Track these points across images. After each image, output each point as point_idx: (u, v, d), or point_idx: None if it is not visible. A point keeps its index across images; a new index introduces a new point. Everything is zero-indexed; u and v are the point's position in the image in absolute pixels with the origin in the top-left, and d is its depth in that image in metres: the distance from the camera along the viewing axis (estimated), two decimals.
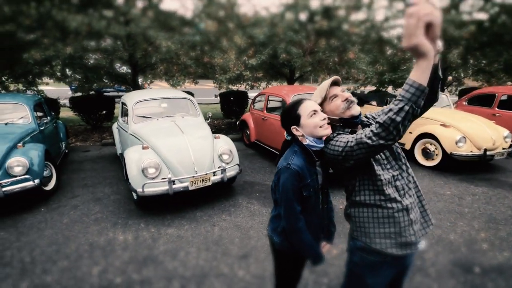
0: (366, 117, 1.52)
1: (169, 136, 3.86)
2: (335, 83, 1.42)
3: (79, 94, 8.80)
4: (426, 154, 5.24)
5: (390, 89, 10.18)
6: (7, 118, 4.35)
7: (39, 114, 5.00)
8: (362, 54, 7.60)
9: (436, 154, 5.10)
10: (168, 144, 3.70)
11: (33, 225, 3.35)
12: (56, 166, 4.42)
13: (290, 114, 1.39)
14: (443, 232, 3.21)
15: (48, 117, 5.17)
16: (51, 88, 11.41)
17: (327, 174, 1.50)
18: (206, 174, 3.59)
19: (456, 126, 5.00)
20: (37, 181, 3.66)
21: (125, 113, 4.55)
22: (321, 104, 1.42)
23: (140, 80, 8.65)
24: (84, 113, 8.21)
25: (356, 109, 1.37)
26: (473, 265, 2.67)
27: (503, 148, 5.03)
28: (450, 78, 10.15)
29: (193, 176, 3.50)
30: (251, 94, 8.68)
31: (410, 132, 5.51)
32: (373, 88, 10.18)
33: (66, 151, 5.89)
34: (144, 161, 3.46)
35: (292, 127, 1.39)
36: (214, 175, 3.72)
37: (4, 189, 3.40)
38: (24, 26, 5.40)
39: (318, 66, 7.95)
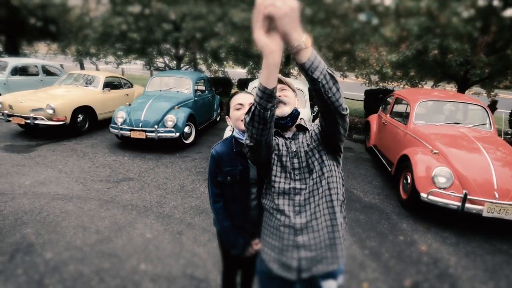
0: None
1: None
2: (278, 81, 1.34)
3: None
4: None
5: None
6: (179, 88, 6.21)
7: (200, 88, 6.73)
8: None
9: None
10: None
11: (165, 163, 4.81)
12: (197, 127, 5.91)
13: (228, 104, 1.47)
14: None
15: (206, 91, 6.86)
16: (242, 70, 13.75)
17: None
18: None
19: None
20: (178, 134, 5.15)
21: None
22: None
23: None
24: None
25: (281, 111, 1.26)
26: None
27: None
28: None
29: None
30: None
31: None
32: None
33: (217, 119, 7.58)
34: None
35: (226, 116, 1.47)
36: None
37: (159, 134, 5.06)
38: (210, 22, 7.24)
39: (502, 68, 5.63)
